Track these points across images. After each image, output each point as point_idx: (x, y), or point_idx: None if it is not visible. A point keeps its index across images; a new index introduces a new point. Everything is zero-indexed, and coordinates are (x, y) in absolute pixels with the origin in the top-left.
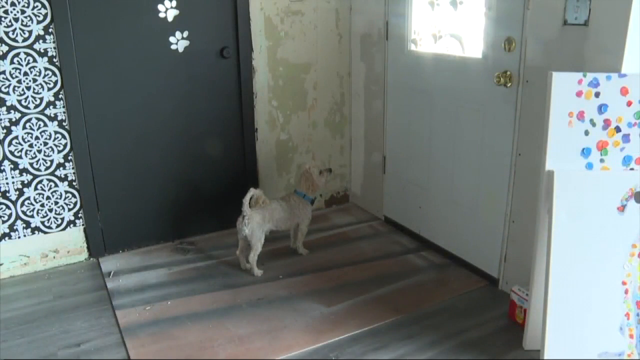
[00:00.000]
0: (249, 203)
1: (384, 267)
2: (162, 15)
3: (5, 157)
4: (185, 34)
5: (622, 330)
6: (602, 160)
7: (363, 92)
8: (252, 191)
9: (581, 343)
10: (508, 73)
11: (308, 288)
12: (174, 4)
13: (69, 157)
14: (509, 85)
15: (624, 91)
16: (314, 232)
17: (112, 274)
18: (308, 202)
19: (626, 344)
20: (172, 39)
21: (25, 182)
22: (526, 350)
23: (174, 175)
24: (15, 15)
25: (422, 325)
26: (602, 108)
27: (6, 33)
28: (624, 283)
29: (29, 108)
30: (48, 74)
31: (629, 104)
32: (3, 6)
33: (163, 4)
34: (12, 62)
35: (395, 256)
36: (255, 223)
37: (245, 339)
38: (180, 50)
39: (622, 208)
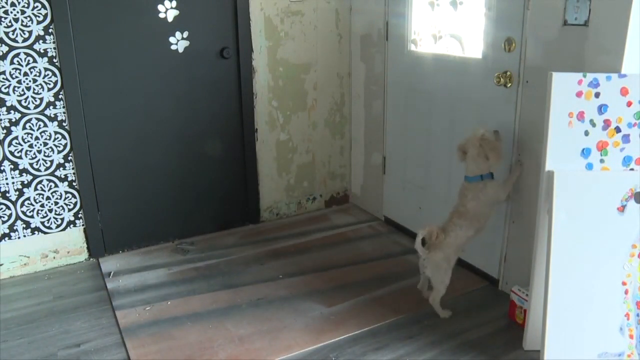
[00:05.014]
0: (426, 243)
1: (384, 267)
2: (162, 15)
3: (5, 157)
4: (185, 34)
5: (622, 331)
6: (602, 161)
7: (363, 92)
8: (420, 233)
9: (581, 343)
10: (508, 73)
11: (308, 288)
12: (174, 4)
13: (69, 158)
14: (509, 85)
15: (623, 91)
16: (314, 232)
17: (112, 274)
18: (489, 180)
19: (626, 345)
20: (172, 40)
21: (25, 182)
22: (526, 350)
23: (174, 175)
24: (15, 15)
25: (422, 325)
26: (602, 108)
27: (6, 33)
28: (624, 283)
29: (29, 108)
30: (48, 74)
31: (629, 104)
32: (3, 6)
33: (163, 4)
34: (12, 63)
35: (395, 256)
36: (435, 264)
37: (245, 339)
38: (180, 50)
39: (622, 208)
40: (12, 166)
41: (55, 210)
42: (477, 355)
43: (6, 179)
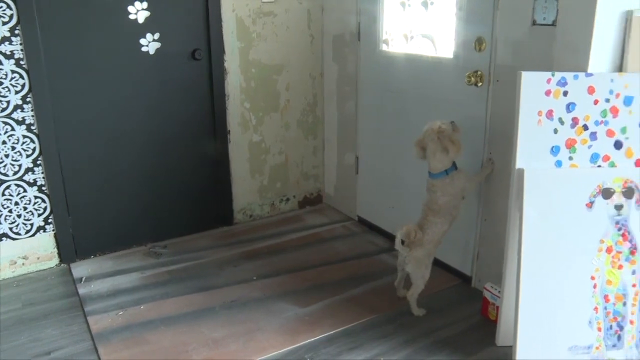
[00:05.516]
0: (405, 242)
1: (358, 267)
2: (132, 17)
3: None
4: (157, 35)
5: (590, 324)
6: (570, 158)
7: (336, 92)
8: (399, 234)
9: (552, 338)
10: (479, 73)
11: (282, 289)
12: (144, 5)
13: (38, 162)
14: (479, 84)
15: (590, 90)
16: (288, 233)
17: (83, 279)
18: (455, 172)
19: (594, 337)
20: (142, 41)
21: None
22: (499, 346)
23: (146, 178)
24: None
25: (396, 324)
26: (570, 107)
27: None
28: (592, 278)
29: None
30: (15, 77)
31: (596, 102)
32: None
33: (133, 5)
34: None
35: (369, 256)
36: (417, 260)
37: (220, 342)
38: (152, 52)
39: (590, 204)
40: None
41: (24, 216)
42: (451, 353)
43: None
